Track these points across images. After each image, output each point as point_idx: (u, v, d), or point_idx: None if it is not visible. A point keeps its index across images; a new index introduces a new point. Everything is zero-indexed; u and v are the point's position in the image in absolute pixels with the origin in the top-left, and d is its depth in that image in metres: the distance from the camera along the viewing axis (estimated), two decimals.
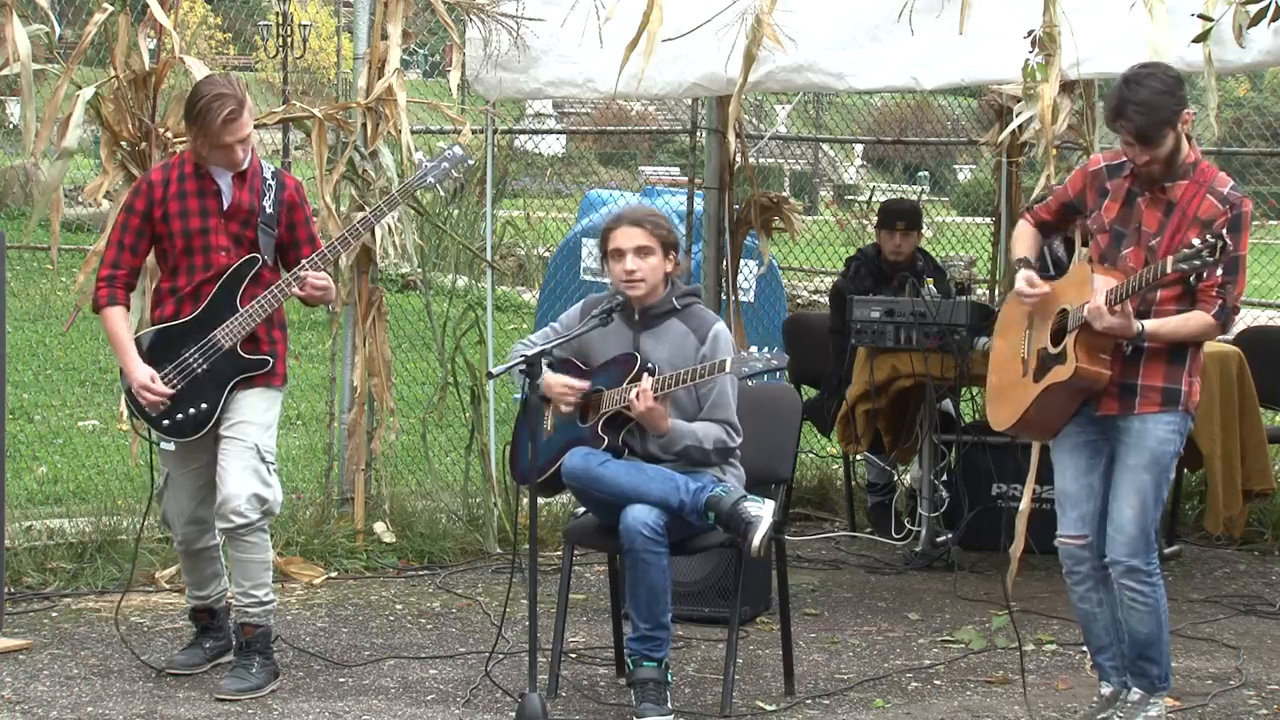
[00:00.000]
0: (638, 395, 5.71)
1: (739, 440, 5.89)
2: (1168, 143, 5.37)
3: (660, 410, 5.75)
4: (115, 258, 6.14)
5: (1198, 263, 5.17)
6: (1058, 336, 5.54)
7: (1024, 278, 5.65)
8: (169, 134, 7.43)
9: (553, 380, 5.90)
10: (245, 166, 6.10)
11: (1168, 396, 5.47)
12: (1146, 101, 5.31)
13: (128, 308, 6.20)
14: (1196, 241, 5.19)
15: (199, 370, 6.03)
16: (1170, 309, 5.43)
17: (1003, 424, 5.81)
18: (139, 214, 6.13)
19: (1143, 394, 5.47)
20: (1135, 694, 5.65)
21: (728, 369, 5.64)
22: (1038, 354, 5.61)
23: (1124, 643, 5.64)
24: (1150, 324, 5.39)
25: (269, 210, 6.13)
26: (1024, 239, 5.82)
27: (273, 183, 6.17)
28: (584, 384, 5.93)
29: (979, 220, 17.21)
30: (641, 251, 5.90)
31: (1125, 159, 5.52)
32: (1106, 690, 5.73)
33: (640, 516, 5.60)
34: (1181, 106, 5.38)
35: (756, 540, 5.60)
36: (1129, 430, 5.50)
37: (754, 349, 5.68)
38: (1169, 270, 5.24)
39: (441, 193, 10.75)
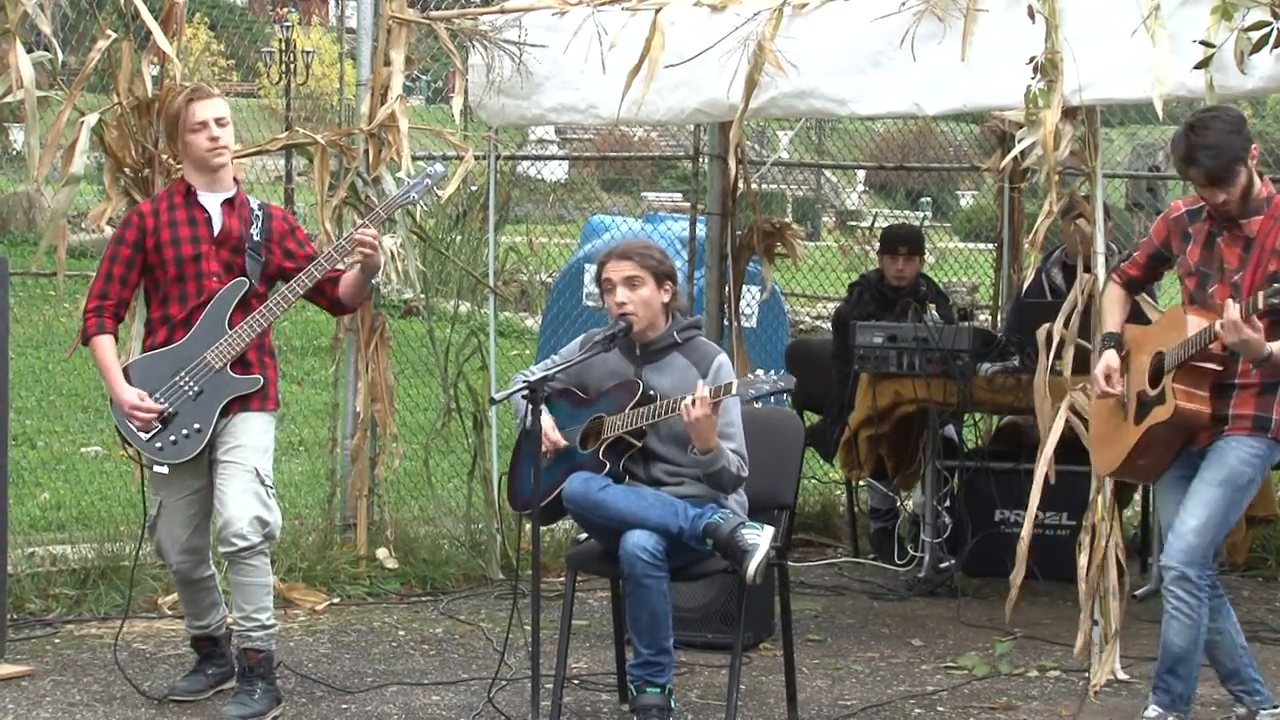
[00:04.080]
0: (694, 401, 5.60)
1: (746, 471, 5.88)
2: (1240, 180, 5.46)
3: (714, 421, 5.67)
4: (103, 289, 6.15)
5: None
6: (1156, 378, 5.60)
7: (1103, 366, 5.74)
8: (171, 160, 7.44)
9: (544, 425, 5.86)
10: (233, 194, 6.18)
11: (1258, 423, 5.55)
12: (1215, 144, 5.41)
13: (116, 337, 6.21)
14: None
15: (190, 392, 6.04)
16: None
17: (1109, 467, 5.90)
18: (129, 245, 6.15)
19: (1233, 420, 5.56)
20: (1153, 710, 5.66)
21: (734, 391, 5.62)
22: (1137, 396, 5.68)
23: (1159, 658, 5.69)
24: (1277, 345, 5.42)
25: (256, 238, 6.17)
26: (1111, 307, 5.91)
27: (260, 213, 6.23)
28: (559, 440, 5.89)
29: (981, 246, 17.21)
30: (630, 282, 5.87)
31: (1202, 203, 5.61)
32: (1241, 710, 5.84)
33: (639, 541, 5.60)
34: (1249, 143, 5.48)
35: (752, 568, 5.58)
36: (1214, 449, 5.58)
37: (760, 372, 5.67)
38: (1260, 306, 5.29)
39: (443, 205, 10.75)
